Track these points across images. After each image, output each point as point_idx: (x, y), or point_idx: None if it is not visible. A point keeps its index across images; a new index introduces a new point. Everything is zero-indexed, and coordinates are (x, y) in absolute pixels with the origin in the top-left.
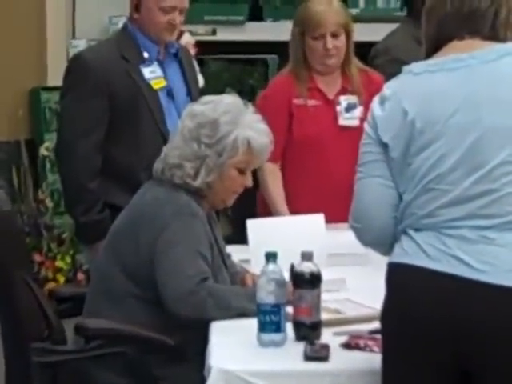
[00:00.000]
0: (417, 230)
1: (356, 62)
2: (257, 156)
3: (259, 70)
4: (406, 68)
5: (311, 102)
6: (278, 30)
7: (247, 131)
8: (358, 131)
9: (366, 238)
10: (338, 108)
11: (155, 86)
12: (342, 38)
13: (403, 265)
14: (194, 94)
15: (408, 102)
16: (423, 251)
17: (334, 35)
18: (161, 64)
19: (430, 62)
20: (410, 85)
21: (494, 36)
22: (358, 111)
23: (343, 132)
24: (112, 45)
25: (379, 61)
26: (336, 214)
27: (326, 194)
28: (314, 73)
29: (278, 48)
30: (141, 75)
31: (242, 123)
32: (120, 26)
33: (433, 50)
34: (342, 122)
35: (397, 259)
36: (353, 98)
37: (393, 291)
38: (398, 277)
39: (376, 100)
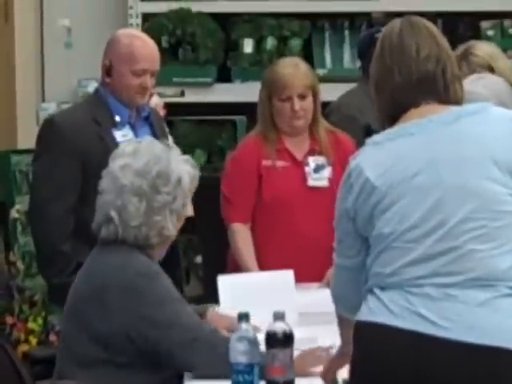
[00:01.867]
0: (382, 288)
1: (324, 123)
2: (193, 186)
3: (228, 130)
4: (368, 140)
5: (280, 163)
6: (246, 91)
7: (184, 167)
8: (326, 191)
9: (341, 311)
10: (307, 169)
11: None
12: (309, 99)
13: (369, 323)
14: None
15: (370, 170)
16: (388, 309)
17: (302, 97)
18: (132, 127)
19: (390, 130)
20: (372, 154)
21: (448, 98)
22: (327, 172)
23: (312, 192)
24: (84, 108)
25: (332, 118)
26: (306, 274)
27: (295, 255)
28: (283, 134)
29: (246, 109)
30: (113, 139)
31: (179, 161)
32: (89, 88)
33: (389, 120)
34: (310, 182)
35: (363, 318)
36: (321, 159)
37: (359, 349)
38: (364, 335)
39: (344, 176)
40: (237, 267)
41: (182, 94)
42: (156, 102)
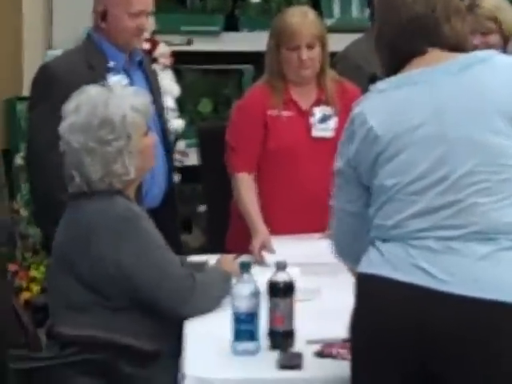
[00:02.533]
0: (384, 240)
1: (331, 73)
2: (146, 114)
3: (234, 80)
4: (372, 87)
5: (285, 113)
6: (253, 41)
7: (125, 102)
8: (332, 142)
9: (343, 260)
10: (312, 119)
11: None
12: (317, 49)
13: (369, 275)
14: (157, 103)
15: (374, 118)
16: (388, 261)
17: (309, 46)
18: (127, 72)
19: (394, 78)
20: (376, 102)
21: (446, 39)
22: (333, 122)
23: (317, 143)
24: (78, 54)
25: (339, 67)
26: (309, 225)
27: (299, 205)
28: (290, 84)
29: (253, 58)
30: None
31: (118, 99)
32: None
33: (393, 72)
34: (315, 133)
35: (364, 269)
36: (328, 109)
37: (360, 301)
38: (365, 287)
39: (347, 122)
40: (240, 217)
41: (190, 42)
42: (163, 50)
